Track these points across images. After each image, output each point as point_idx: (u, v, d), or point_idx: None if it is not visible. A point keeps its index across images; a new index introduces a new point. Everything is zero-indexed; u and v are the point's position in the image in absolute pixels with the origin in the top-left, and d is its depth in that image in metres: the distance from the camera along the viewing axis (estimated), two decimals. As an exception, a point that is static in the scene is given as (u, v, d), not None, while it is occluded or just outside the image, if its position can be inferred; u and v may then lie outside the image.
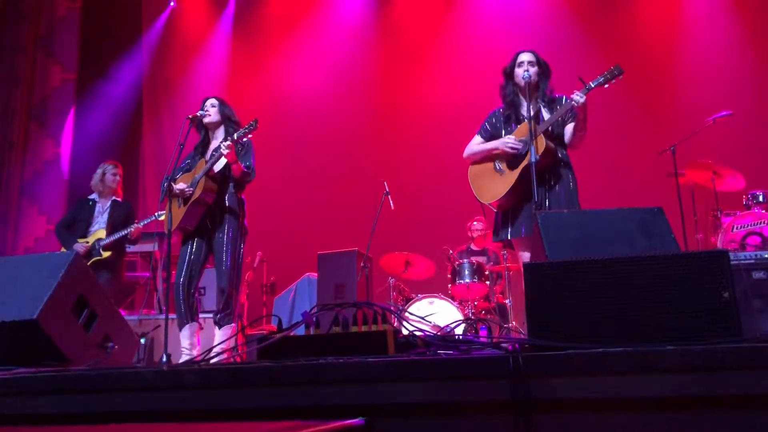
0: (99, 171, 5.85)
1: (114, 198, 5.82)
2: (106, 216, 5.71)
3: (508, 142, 3.91)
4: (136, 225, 5.62)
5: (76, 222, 5.73)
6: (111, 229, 5.64)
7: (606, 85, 3.68)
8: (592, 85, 3.68)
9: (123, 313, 4.04)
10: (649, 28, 8.10)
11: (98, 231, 5.63)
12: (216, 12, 9.75)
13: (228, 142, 4.26)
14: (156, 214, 5.67)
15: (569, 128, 3.90)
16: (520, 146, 3.87)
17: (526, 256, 3.87)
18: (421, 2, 9.14)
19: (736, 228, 5.36)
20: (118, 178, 5.84)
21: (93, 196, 5.83)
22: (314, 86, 9.07)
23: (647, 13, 8.20)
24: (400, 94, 8.85)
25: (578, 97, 3.65)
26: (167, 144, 8.91)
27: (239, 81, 9.09)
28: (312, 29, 9.35)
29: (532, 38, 7.55)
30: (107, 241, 5.55)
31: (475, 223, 6.97)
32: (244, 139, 4.41)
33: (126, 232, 5.59)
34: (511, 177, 3.86)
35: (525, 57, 3.96)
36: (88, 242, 5.53)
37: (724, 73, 7.57)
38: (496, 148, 3.97)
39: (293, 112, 8.92)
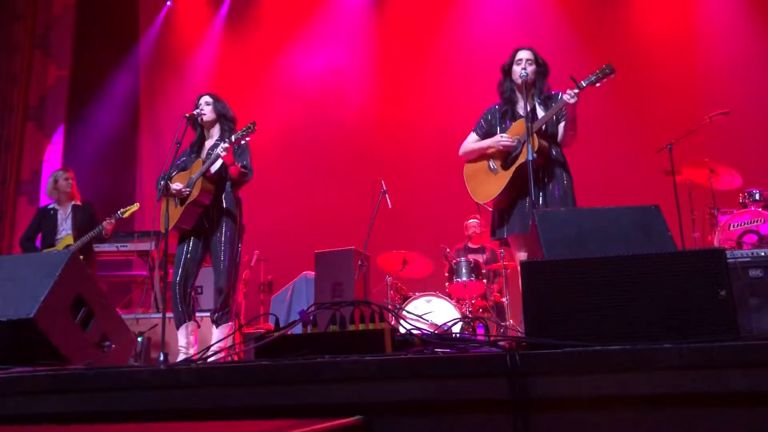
0: (51, 179, 5.86)
1: (73, 203, 5.81)
2: (70, 222, 5.69)
3: (501, 139, 3.91)
4: (108, 221, 5.60)
5: (42, 233, 5.72)
6: (77, 233, 5.63)
7: (598, 84, 3.68)
8: (584, 84, 3.67)
9: (120, 312, 4.03)
10: (646, 26, 8.11)
11: (65, 238, 5.61)
12: (212, 11, 9.75)
13: (226, 144, 4.24)
14: (119, 211, 5.69)
15: (562, 126, 3.91)
16: (514, 143, 3.87)
17: (522, 254, 3.88)
18: (419, 1, 9.13)
19: (733, 226, 5.37)
20: (71, 181, 5.83)
21: (52, 204, 5.81)
22: (311, 84, 9.06)
23: (644, 11, 8.20)
24: (397, 93, 8.84)
25: (569, 96, 3.65)
26: (164, 142, 8.90)
27: (236, 79, 9.08)
28: (309, 27, 9.34)
29: (530, 37, 7.55)
30: (78, 245, 5.54)
31: (471, 221, 6.97)
32: (242, 141, 4.40)
33: (99, 230, 5.58)
34: (505, 176, 3.87)
35: (523, 54, 3.96)
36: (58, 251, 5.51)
37: (721, 71, 7.58)
38: (491, 147, 3.98)
39: (291, 110, 8.91)
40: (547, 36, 8.01)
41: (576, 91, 3.65)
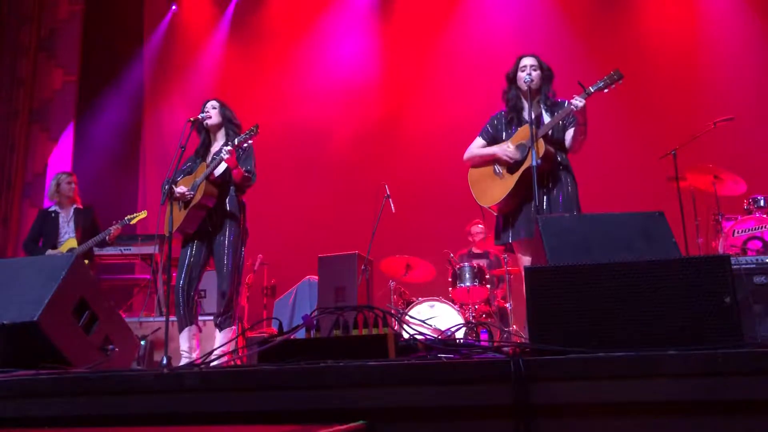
0: (53, 182, 5.88)
1: (75, 206, 5.83)
2: (72, 225, 5.72)
3: (507, 151, 3.91)
4: (115, 226, 5.62)
5: (43, 235, 5.74)
6: (81, 236, 5.66)
7: (606, 90, 3.68)
8: (592, 90, 3.67)
9: (123, 315, 4.04)
10: (651, 33, 8.11)
11: (69, 241, 5.64)
12: (217, 16, 9.77)
13: (229, 147, 4.25)
14: (126, 218, 5.70)
15: (570, 133, 3.90)
16: (518, 156, 3.87)
17: (526, 259, 3.87)
18: (423, 7, 9.15)
19: (737, 232, 5.35)
20: (73, 186, 5.85)
21: (53, 207, 5.84)
22: (315, 89, 9.08)
23: (649, 17, 8.20)
24: (401, 97, 8.86)
25: (577, 102, 3.65)
26: (168, 146, 8.91)
27: (240, 84, 9.10)
28: (313, 33, 9.36)
29: (535, 43, 7.56)
30: (83, 248, 5.56)
31: (474, 226, 6.96)
32: (245, 144, 4.41)
33: (104, 234, 5.59)
34: (510, 181, 3.87)
35: (527, 61, 3.97)
36: (61, 253, 5.53)
37: (726, 77, 7.57)
38: (496, 154, 3.98)
39: (295, 115, 8.92)
40: (552, 42, 8.01)
41: (583, 98, 3.65)
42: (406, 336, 2.27)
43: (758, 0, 7.80)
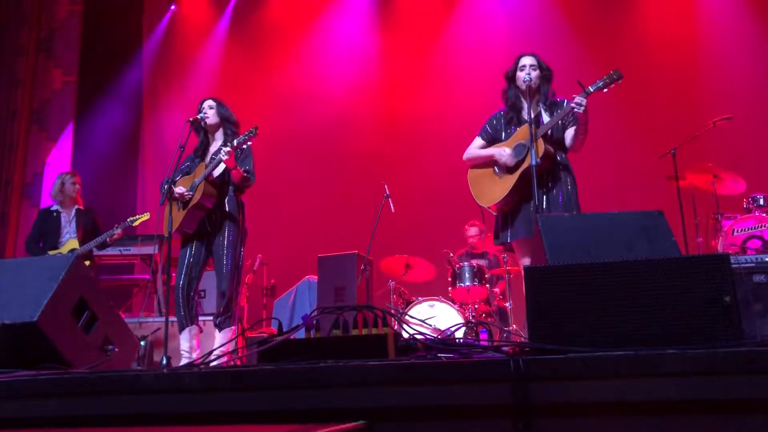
0: (57, 181, 5.89)
1: (76, 207, 5.85)
2: (73, 225, 5.73)
3: (503, 155, 3.90)
4: (118, 229, 5.63)
5: (44, 234, 5.75)
6: (83, 237, 5.67)
7: (605, 90, 3.67)
8: (591, 90, 3.67)
9: (123, 315, 4.03)
10: (651, 32, 8.11)
11: (70, 241, 5.65)
12: (216, 15, 9.77)
13: (228, 148, 4.25)
14: (129, 219, 5.70)
15: (570, 132, 3.90)
16: (512, 162, 3.87)
17: (526, 259, 3.87)
18: (422, 5, 9.15)
19: (737, 231, 5.35)
20: (77, 186, 5.87)
21: (55, 207, 5.85)
22: (314, 89, 9.07)
23: (648, 17, 8.20)
24: (401, 97, 8.85)
25: (578, 102, 3.64)
26: (167, 147, 8.91)
27: (240, 83, 9.09)
28: (313, 32, 9.36)
29: (534, 42, 7.56)
30: (84, 249, 5.56)
31: (469, 228, 6.96)
32: (244, 145, 4.41)
33: (106, 236, 5.59)
34: (510, 180, 3.87)
35: (527, 60, 3.97)
36: (61, 254, 5.54)
37: (725, 76, 7.57)
38: (493, 156, 3.98)
39: (294, 115, 8.92)
40: (551, 41, 8.01)
41: (583, 97, 3.64)
42: (405, 336, 2.27)
43: (758, 0, 7.80)
